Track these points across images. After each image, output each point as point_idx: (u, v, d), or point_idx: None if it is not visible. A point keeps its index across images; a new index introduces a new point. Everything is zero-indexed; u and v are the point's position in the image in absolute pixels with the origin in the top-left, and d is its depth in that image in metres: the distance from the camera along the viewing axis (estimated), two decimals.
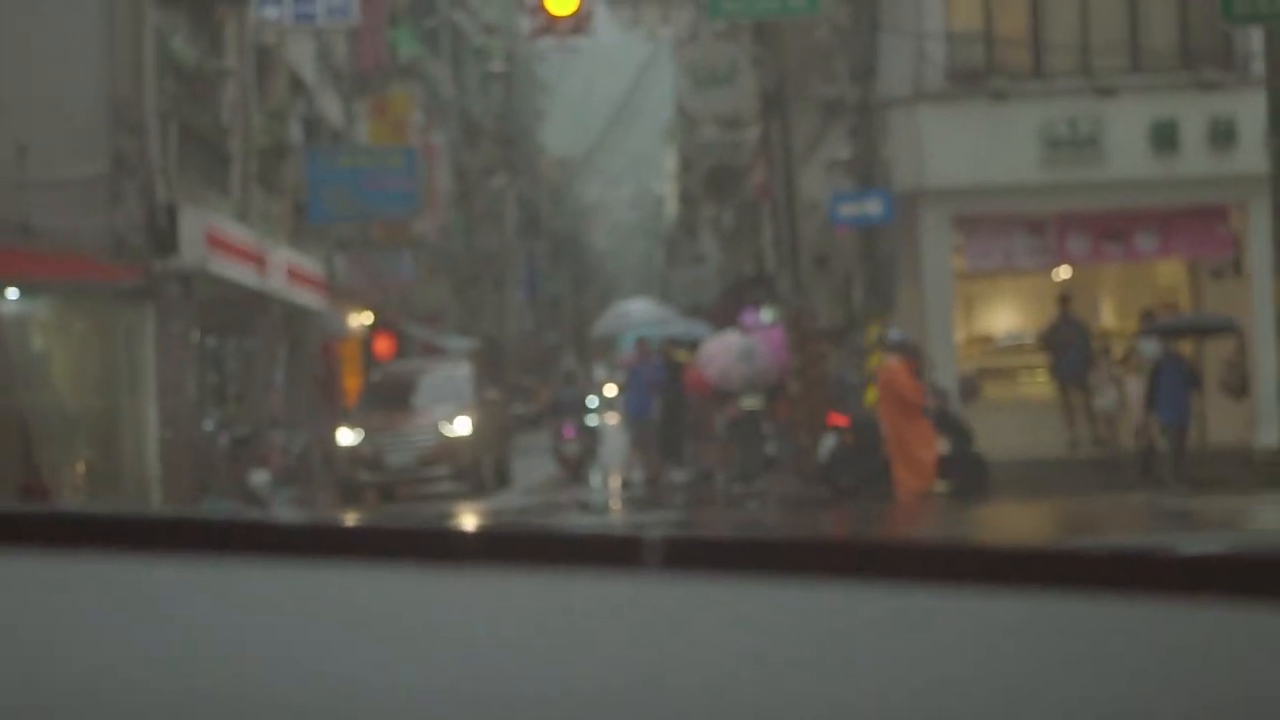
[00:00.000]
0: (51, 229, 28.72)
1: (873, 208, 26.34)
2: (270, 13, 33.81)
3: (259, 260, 33.54)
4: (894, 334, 25.10)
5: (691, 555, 1.43)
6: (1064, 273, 30.28)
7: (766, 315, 37.85)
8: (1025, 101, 27.91)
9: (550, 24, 41.54)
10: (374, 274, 48.56)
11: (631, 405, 32.88)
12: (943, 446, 23.96)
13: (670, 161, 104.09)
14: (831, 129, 29.22)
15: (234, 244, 31.78)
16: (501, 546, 1.50)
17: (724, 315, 41.93)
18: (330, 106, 45.70)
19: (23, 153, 29.12)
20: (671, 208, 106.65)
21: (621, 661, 1.28)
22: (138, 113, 29.65)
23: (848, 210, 26.63)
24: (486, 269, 70.48)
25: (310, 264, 39.52)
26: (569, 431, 35.00)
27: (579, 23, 41.37)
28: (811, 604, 1.35)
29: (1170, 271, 30.69)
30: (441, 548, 1.49)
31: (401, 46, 54.51)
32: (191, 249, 29.68)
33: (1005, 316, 30.87)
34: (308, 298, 38.56)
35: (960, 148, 27.64)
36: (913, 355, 24.19)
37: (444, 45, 65.80)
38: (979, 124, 27.82)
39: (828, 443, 24.76)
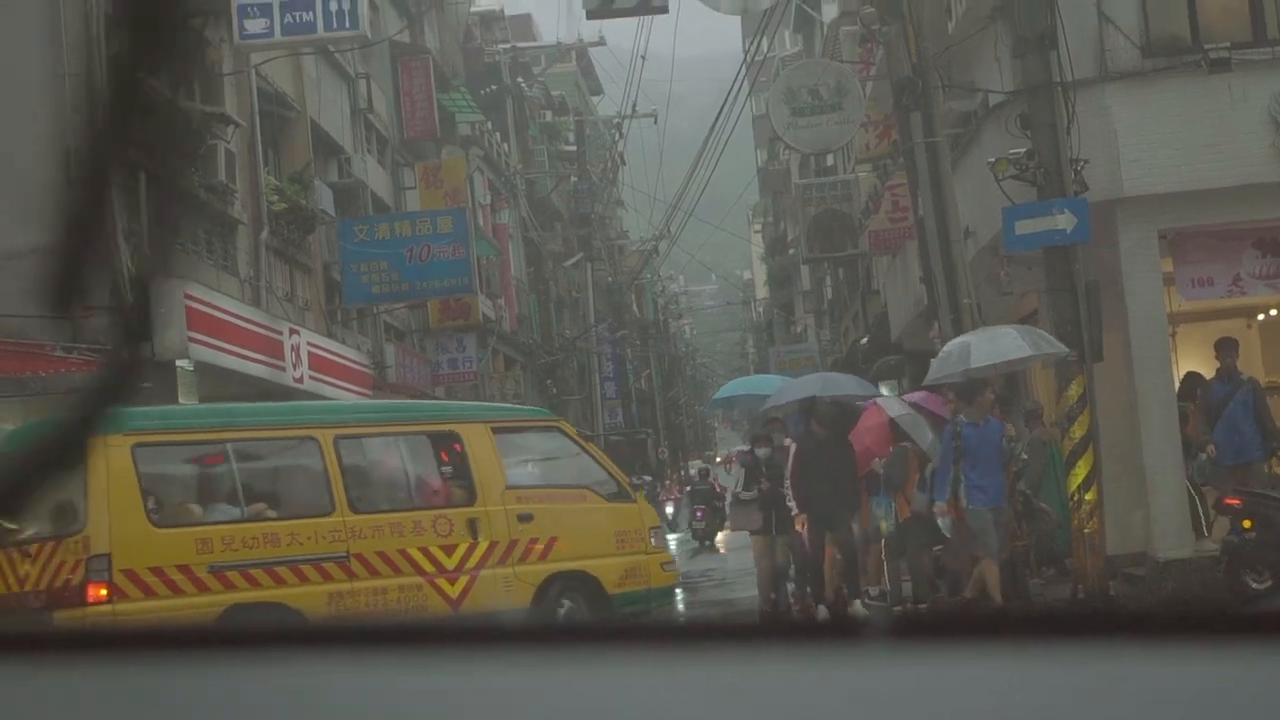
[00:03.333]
0: None
1: (1063, 223, 18.78)
2: (254, 26, 26.45)
3: (270, 347, 26.36)
4: None
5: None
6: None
7: (887, 391, 31.31)
8: (1248, 75, 20.40)
9: None
10: (434, 365, 41.68)
11: None
12: None
13: (757, 247, 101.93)
14: (989, 126, 21.70)
15: (232, 327, 24.59)
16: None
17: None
18: (374, 175, 38.79)
19: None
20: (761, 293, 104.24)
21: None
22: (96, 167, 22.57)
23: (1026, 227, 19.05)
24: (566, 360, 63.45)
25: (351, 353, 32.29)
26: (699, 514, 45.90)
27: None
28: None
29: None
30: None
31: (458, 113, 47.64)
32: (169, 333, 22.57)
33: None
34: (347, 394, 31.31)
35: (1164, 140, 20.18)
36: None
37: (508, 119, 59.11)
38: (1187, 107, 20.34)
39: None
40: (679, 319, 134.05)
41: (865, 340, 40.14)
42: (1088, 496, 19.03)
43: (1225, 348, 20.08)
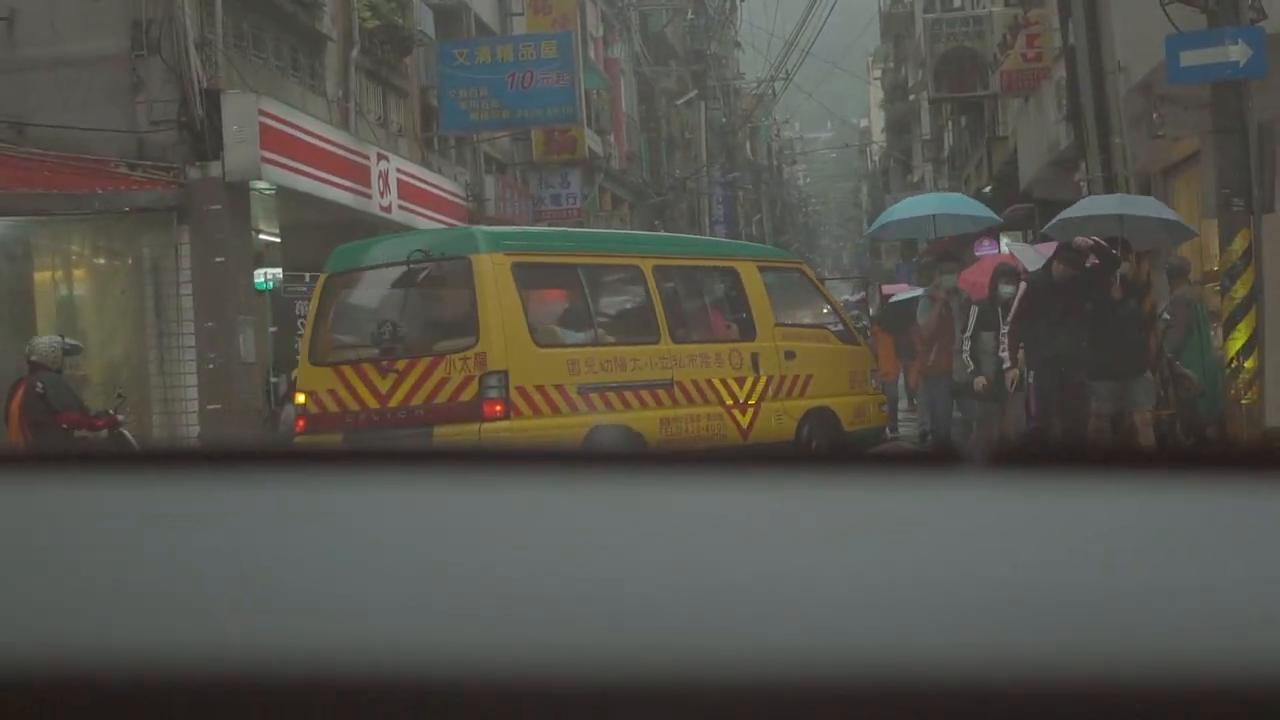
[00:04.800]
0: (54, 125, 20.64)
1: (1235, 54, 16.37)
2: None
3: (356, 172, 24.36)
4: None
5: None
6: None
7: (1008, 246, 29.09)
8: None
9: None
10: (536, 199, 39.64)
11: None
12: None
13: (876, 94, 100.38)
14: None
15: (312, 148, 22.58)
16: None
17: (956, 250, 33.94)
18: (480, 1, 36.62)
19: (10, 23, 20.71)
20: (878, 141, 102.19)
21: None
22: None
23: (1192, 59, 16.66)
24: (676, 201, 61.25)
25: (445, 182, 30.28)
26: None
27: None
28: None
29: None
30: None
31: None
32: (241, 151, 20.61)
33: None
34: (440, 226, 29.35)
35: None
36: None
37: None
38: None
39: None
40: (793, 164, 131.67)
41: (989, 189, 37.64)
42: (1248, 364, 16.80)
43: None
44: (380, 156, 25.75)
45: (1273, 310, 17.22)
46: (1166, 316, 18.36)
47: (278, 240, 24.65)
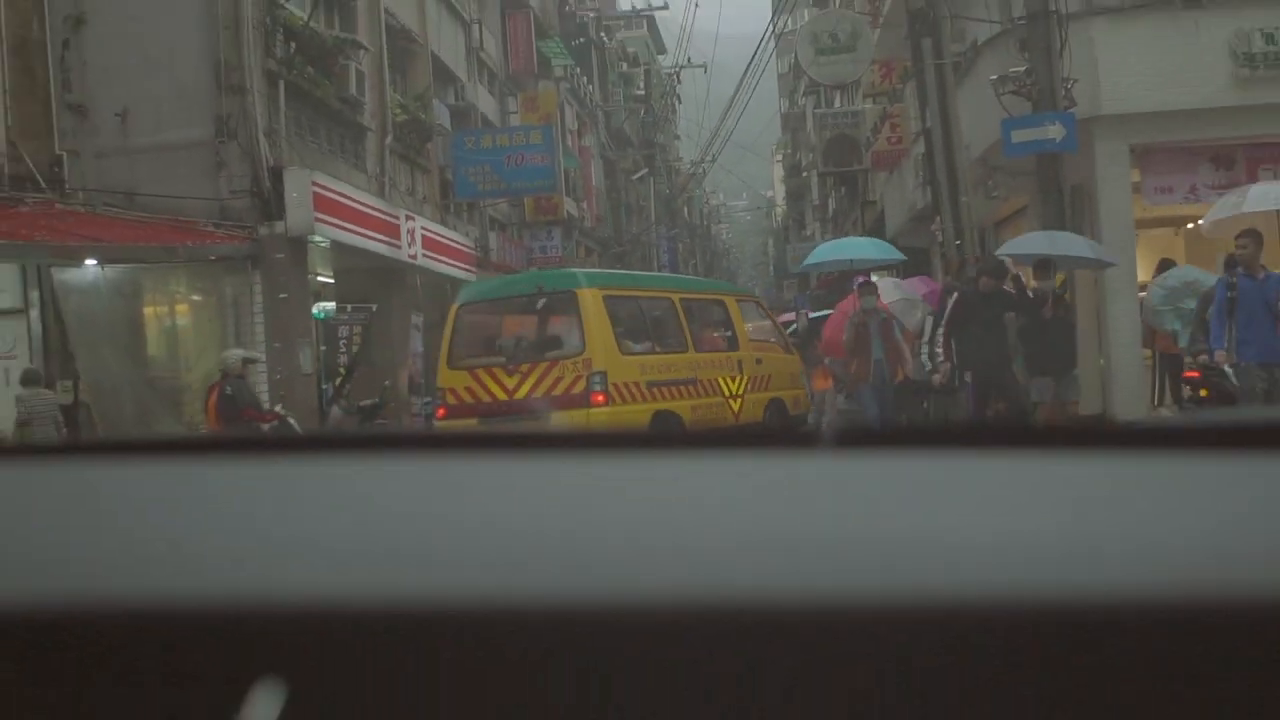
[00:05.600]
0: (156, 195, 19.71)
1: (1053, 132, 15.59)
2: None
3: (389, 229, 23.47)
4: None
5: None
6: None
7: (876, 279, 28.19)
8: (1212, 12, 17.10)
9: None
10: (527, 250, 38.75)
11: None
12: None
13: (778, 172, 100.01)
14: (984, 54, 18.44)
15: (354, 210, 21.70)
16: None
17: (839, 284, 33.28)
18: (484, 101, 35.75)
19: (125, 117, 19.73)
20: (779, 207, 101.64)
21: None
22: (240, 74, 19.77)
23: (1021, 137, 15.87)
24: (632, 250, 60.41)
25: (458, 237, 29.36)
26: None
27: None
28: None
29: None
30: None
31: (553, 58, 44.52)
32: (298, 213, 19.76)
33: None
34: (454, 270, 28.40)
35: (1138, 67, 16.94)
36: None
37: (592, 66, 55.92)
38: (1159, 39, 17.07)
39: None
40: (718, 224, 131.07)
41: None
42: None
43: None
44: (408, 217, 24.83)
45: (1084, 323, 16.51)
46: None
47: (332, 281, 23.74)
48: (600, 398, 14.67)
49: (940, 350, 14.45)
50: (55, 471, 1.30)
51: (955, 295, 14.58)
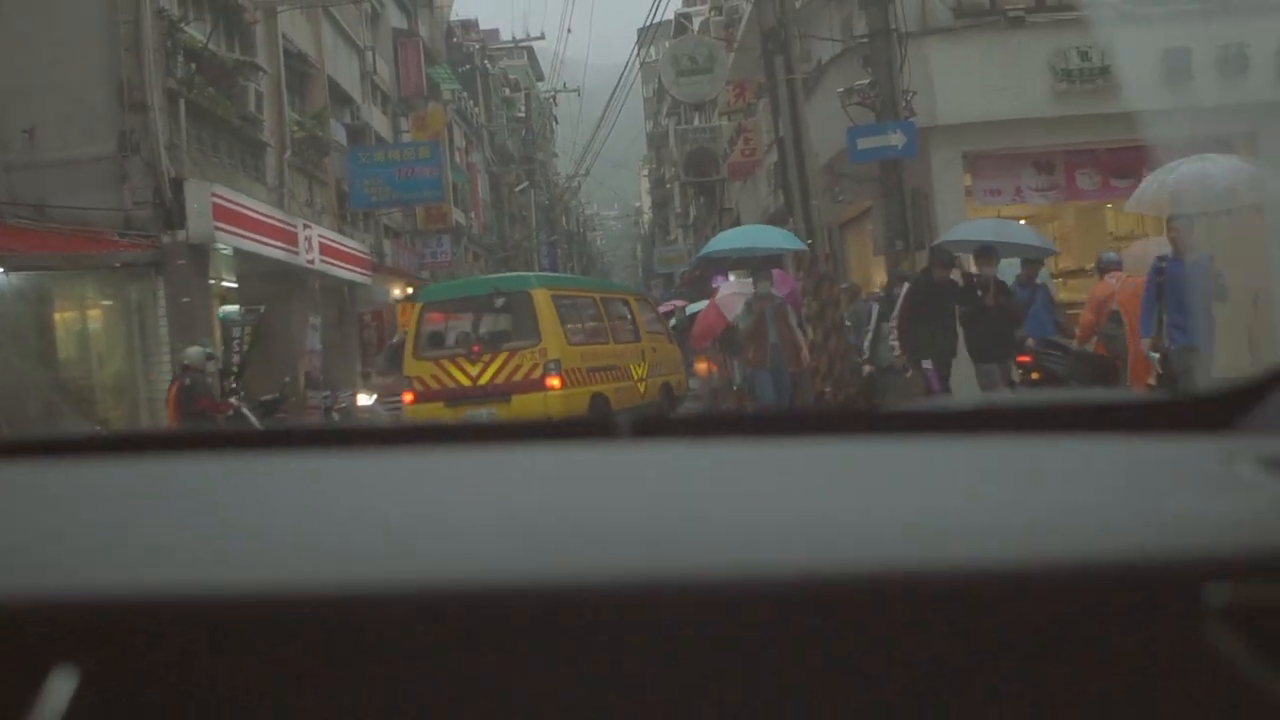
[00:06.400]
0: (64, 206, 18.34)
1: (895, 140, 14.93)
2: None
3: (286, 236, 22.29)
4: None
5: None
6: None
7: (734, 279, 27.49)
8: (1035, 33, 16.54)
9: None
10: (419, 255, 37.54)
11: None
12: None
13: (644, 185, 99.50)
14: (830, 71, 17.74)
15: (253, 219, 20.54)
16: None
17: (700, 283, 32.78)
18: (378, 121, 34.50)
19: (32, 134, 18.39)
20: (646, 215, 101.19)
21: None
22: (142, 93, 18.53)
23: (866, 144, 15.19)
24: (516, 255, 59.38)
25: (354, 244, 28.19)
26: None
27: None
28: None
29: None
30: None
31: (441, 82, 43.32)
32: (199, 222, 18.56)
33: None
34: (351, 274, 27.23)
35: (969, 82, 16.33)
36: None
37: (478, 90, 54.77)
38: (987, 56, 16.48)
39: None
40: (593, 231, 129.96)
41: None
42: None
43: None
44: (306, 226, 23.63)
45: None
46: (849, 323, 16.76)
47: (235, 286, 22.50)
48: (556, 381, 14.81)
49: (896, 342, 13.13)
50: None
51: (907, 285, 13.19)
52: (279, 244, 21.67)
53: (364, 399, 19.81)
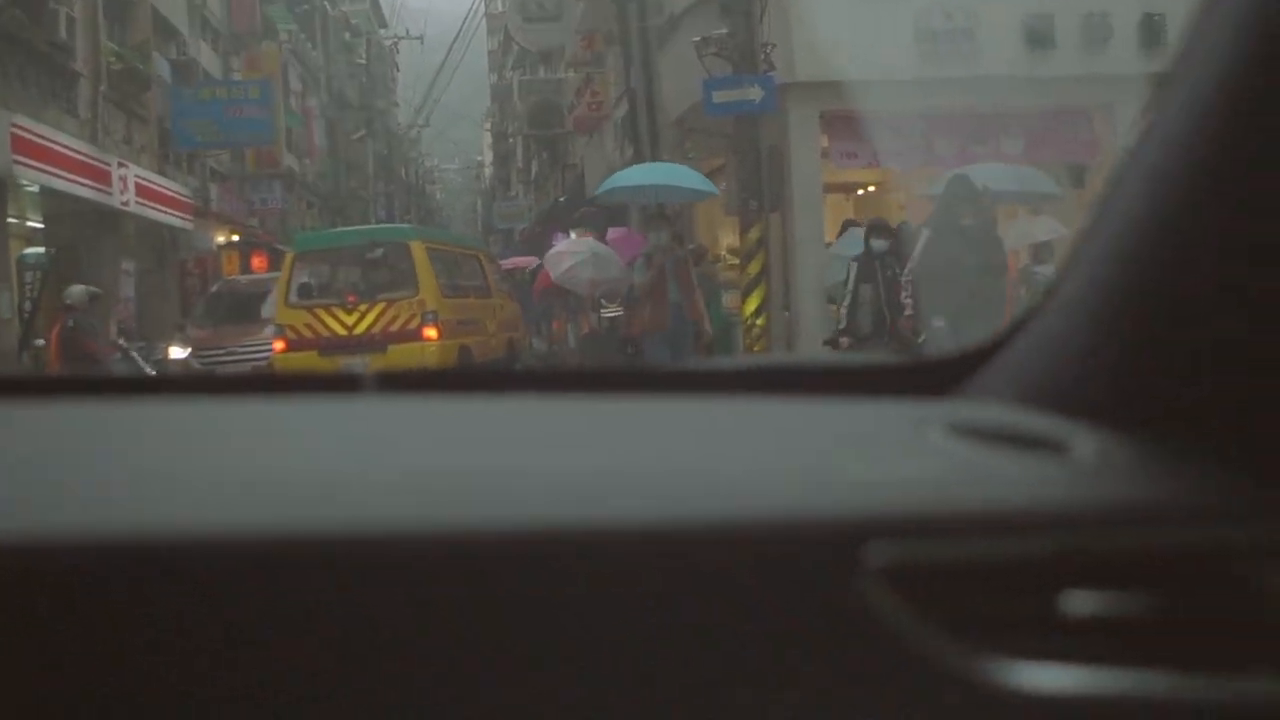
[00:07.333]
0: None
1: (753, 94, 14.08)
2: None
3: (97, 174, 20.61)
4: None
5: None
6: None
7: (575, 236, 26.51)
8: None
9: None
10: (248, 201, 35.66)
11: None
12: None
13: (486, 139, 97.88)
14: (684, 21, 16.78)
15: (58, 154, 18.86)
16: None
17: (540, 240, 31.75)
18: (207, 58, 32.53)
19: None
20: (488, 170, 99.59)
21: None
22: None
23: (723, 97, 14.32)
24: (351, 205, 57.42)
25: (176, 187, 26.46)
26: None
27: None
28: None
29: None
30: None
31: (278, 21, 41.31)
32: None
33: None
34: (171, 218, 25.52)
35: (830, 38, 15.55)
36: None
37: (316, 32, 52.62)
38: (851, 12, 15.72)
39: None
40: (432, 184, 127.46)
41: (564, 199, 35.07)
42: (759, 322, 14.63)
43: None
44: (120, 164, 21.95)
45: (776, 280, 15.14)
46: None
47: (42, 226, 20.80)
48: (433, 332, 14.66)
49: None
50: None
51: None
52: (88, 182, 20.03)
53: (177, 351, 18.29)
